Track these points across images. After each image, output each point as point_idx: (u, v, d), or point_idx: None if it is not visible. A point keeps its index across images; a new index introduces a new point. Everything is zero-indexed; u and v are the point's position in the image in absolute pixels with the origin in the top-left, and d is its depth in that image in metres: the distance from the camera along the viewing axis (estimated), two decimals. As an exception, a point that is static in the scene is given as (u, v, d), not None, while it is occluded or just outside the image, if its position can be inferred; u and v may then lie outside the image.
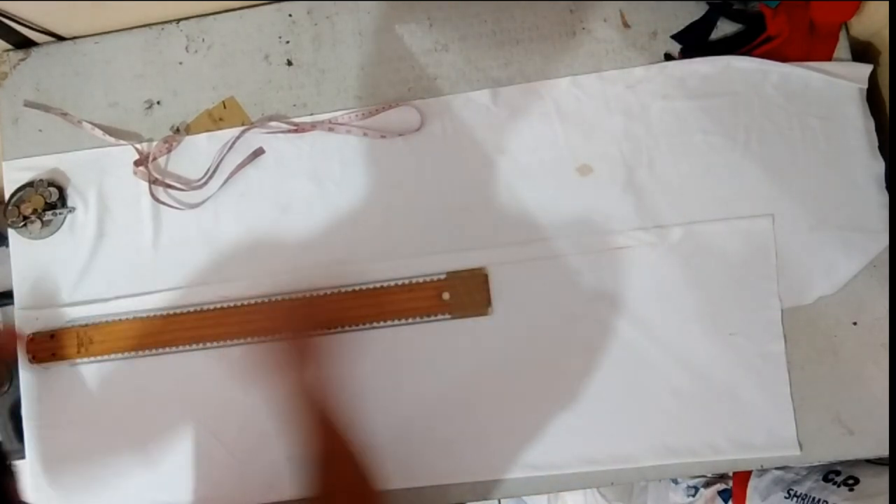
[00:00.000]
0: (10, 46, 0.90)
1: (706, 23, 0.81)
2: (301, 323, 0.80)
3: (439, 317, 0.80)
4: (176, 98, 0.88)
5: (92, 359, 0.84)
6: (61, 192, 0.87)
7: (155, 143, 0.87)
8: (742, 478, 0.91)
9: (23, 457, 0.85)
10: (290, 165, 0.85)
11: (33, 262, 0.87)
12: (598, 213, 0.80)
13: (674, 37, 0.82)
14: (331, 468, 0.60)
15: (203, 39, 0.88)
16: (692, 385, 0.77)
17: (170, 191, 0.86)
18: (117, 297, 0.85)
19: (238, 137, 0.85)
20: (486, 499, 0.79)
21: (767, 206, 0.78)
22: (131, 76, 0.89)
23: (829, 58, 0.79)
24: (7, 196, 0.88)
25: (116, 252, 0.86)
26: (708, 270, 0.78)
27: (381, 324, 0.81)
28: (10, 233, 0.87)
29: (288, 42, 0.87)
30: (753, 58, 0.79)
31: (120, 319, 0.84)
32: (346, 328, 0.81)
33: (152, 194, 0.85)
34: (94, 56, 0.90)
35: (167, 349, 0.83)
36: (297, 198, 0.84)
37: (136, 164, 0.86)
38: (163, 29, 0.89)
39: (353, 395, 0.76)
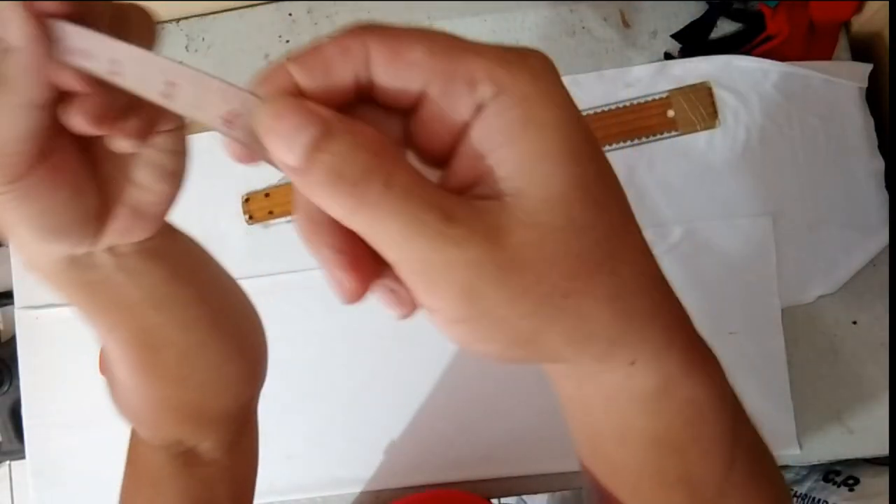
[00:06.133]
0: (10, 46, 0.90)
1: (706, 22, 0.81)
2: None
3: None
4: (176, 98, 0.87)
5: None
6: (61, 191, 0.87)
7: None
8: (742, 478, 0.91)
9: (23, 457, 0.85)
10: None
11: (33, 262, 0.87)
12: (598, 212, 0.80)
13: (674, 36, 0.82)
14: None
15: (203, 39, 0.88)
16: (692, 385, 0.77)
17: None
18: (117, 297, 0.85)
19: None
20: (485, 498, 0.79)
21: (767, 206, 0.78)
22: (131, 76, 0.89)
23: (829, 58, 0.79)
24: (7, 196, 0.88)
25: (116, 252, 0.86)
26: (708, 270, 0.78)
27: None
28: (11, 233, 0.87)
29: (288, 42, 0.87)
30: (753, 57, 0.79)
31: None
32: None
33: None
34: (95, 56, 0.89)
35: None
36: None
37: None
38: (163, 29, 0.89)
39: None
